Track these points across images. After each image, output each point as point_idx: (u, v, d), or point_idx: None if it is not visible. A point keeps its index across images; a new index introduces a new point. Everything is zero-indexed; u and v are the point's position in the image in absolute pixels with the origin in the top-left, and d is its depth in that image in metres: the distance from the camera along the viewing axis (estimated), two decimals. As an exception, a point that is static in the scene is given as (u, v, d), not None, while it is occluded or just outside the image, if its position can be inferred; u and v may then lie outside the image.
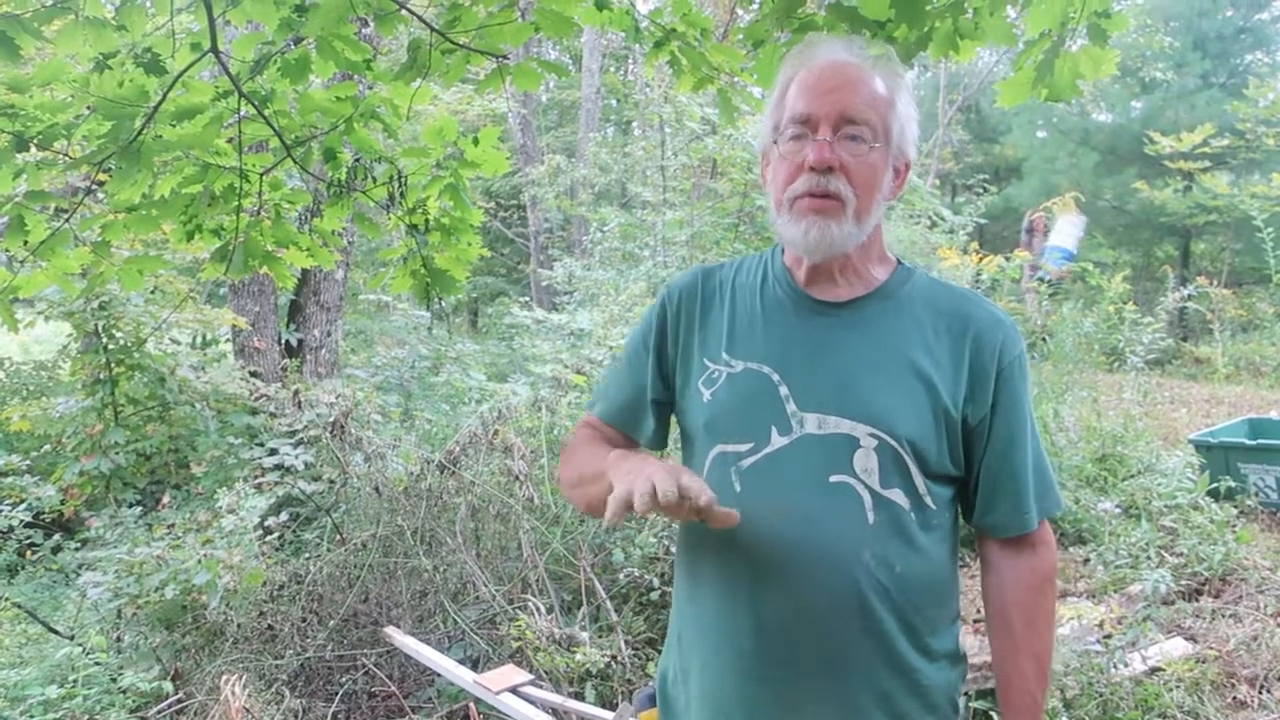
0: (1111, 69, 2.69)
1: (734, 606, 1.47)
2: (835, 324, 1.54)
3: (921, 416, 1.47)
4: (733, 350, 1.57)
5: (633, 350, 1.72)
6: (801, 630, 1.44)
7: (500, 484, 4.66)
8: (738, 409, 1.53)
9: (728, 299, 1.63)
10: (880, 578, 1.43)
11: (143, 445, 5.92)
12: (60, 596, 5.12)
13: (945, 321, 1.53)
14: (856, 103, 1.47)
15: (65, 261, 3.05)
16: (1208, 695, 3.46)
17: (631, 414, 1.71)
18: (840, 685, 1.45)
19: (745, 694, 1.49)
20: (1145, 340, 7.18)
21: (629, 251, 10.99)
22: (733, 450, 1.51)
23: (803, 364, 1.51)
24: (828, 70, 1.50)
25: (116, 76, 2.58)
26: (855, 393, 1.47)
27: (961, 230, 11.78)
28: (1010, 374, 1.52)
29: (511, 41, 2.95)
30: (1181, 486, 5.25)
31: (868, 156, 1.48)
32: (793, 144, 1.50)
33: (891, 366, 1.49)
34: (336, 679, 3.96)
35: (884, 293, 1.56)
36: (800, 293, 1.57)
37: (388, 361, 8.06)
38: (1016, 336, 1.55)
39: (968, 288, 1.68)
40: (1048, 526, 1.59)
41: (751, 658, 1.48)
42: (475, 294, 19.24)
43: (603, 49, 17.24)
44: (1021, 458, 1.53)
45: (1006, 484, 1.53)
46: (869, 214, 1.51)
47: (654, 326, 1.68)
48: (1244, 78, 16.45)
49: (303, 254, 3.36)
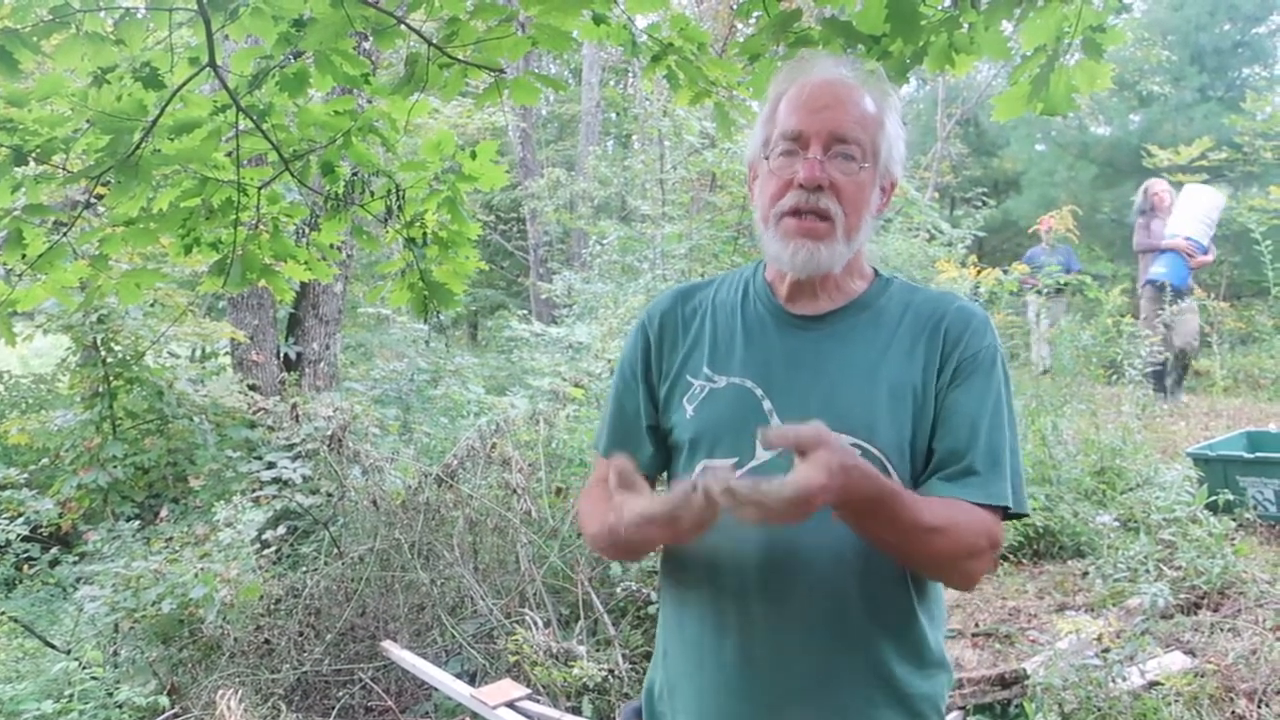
0: (1107, 83, 2.70)
1: (719, 621, 1.48)
2: (816, 337, 1.55)
3: (903, 424, 1.47)
4: (715, 365, 1.58)
5: (622, 382, 1.71)
6: (786, 644, 1.44)
7: (498, 497, 4.66)
8: (722, 424, 1.53)
9: (708, 316, 1.64)
10: (866, 589, 1.44)
11: (141, 459, 5.92)
12: (57, 610, 5.11)
13: (920, 320, 1.53)
14: (847, 121, 1.49)
15: (63, 275, 3.06)
16: (1206, 710, 3.45)
17: (627, 444, 1.67)
18: (826, 698, 1.46)
19: (729, 709, 1.50)
20: (1144, 353, 7.18)
21: (628, 264, 10.99)
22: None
23: (784, 377, 1.52)
24: (820, 87, 1.51)
25: (115, 90, 2.59)
26: (837, 404, 1.48)
27: (960, 243, 11.79)
28: (973, 365, 1.49)
29: (509, 56, 2.96)
30: (1180, 500, 5.24)
31: (857, 175, 1.49)
32: (783, 160, 1.51)
33: (871, 376, 1.50)
34: (333, 693, 3.95)
35: (862, 304, 1.57)
36: (780, 308, 1.59)
37: (386, 374, 8.06)
38: (989, 330, 1.54)
39: (945, 290, 1.67)
40: (998, 523, 1.46)
41: (735, 673, 1.48)
42: (475, 307, 19.24)
43: (602, 63, 17.29)
44: (972, 444, 1.46)
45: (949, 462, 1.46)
46: (858, 233, 1.52)
47: (639, 352, 1.68)
48: (1241, 91, 16.48)
49: (301, 267, 3.37)
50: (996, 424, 1.48)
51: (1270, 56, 17.57)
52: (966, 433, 1.46)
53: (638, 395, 1.68)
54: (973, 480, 1.44)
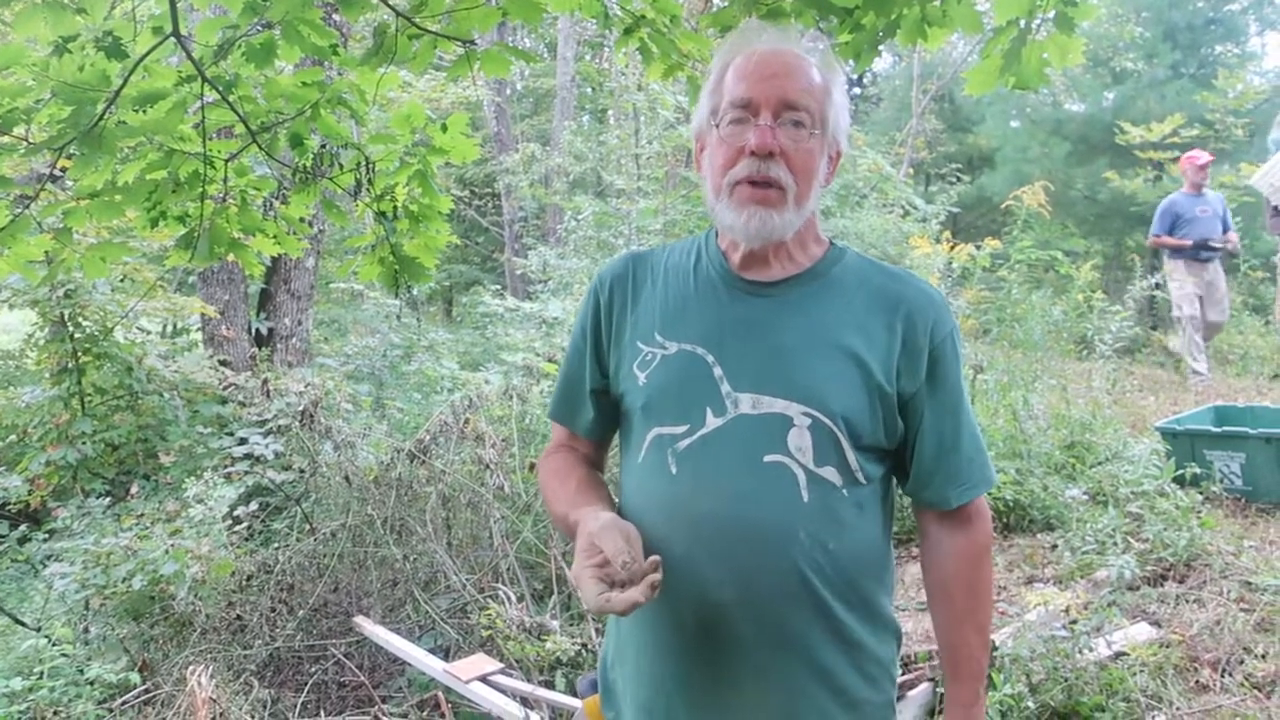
0: (1079, 58, 2.70)
1: (672, 588, 1.47)
2: (767, 304, 1.56)
3: (854, 393, 1.48)
4: (665, 332, 1.58)
5: (572, 346, 1.74)
6: (740, 610, 1.45)
7: (471, 473, 4.65)
8: (672, 391, 1.53)
9: (660, 281, 1.64)
10: (816, 556, 1.45)
11: (111, 435, 5.87)
12: (27, 588, 5.06)
13: (877, 299, 1.55)
14: (797, 89, 1.49)
15: (27, 248, 3.01)
16: (1171, 679, 3.50)
17: (570, 406, 1.74)
18: (781, 662, 1.47)
19: (683, 674, 1.51)
20: (1114, 329, 7.23)
21: (603, 240, 10.97)
22: (669, 432, 1.53)
23: (736, 344, 1.53)
24: (768, 55, 1.51)
25: (77, 60, 2.54)
26: (788, 372, 1.49)
27: (934, 219, 11.84)
28: (943, 351, 1.54)
29: (480, 26, 2.93)
30: (1148, 473, 5.30)
31: (807, 142, 1.50)
32: (733, 128, 1.51)
33: (823, 345, 1.51)
34: (306, 669, 3.94)
35: (815, 273, 1.58)
36: (732, 274, 1.59)
37: (359, 350, 8.02)
38: (948, 314, 1.58)
39: (900, 266, 1.69)
40: (983, 499, 1.62)
41: (691, 637, 1.49)
42: (450, 283, 19.16)
43: (577, 37, 17.18)
44: (954, 434, 1.56)
45: (941, 460, 1.56)
46: (807, 200, 1.53)
47: (588, 316, 1.69)
48: (1214, 68, 16.58)
49: (270, 241, 3.33)
50: (969, 419, 1.59)
51: (1242, 34, 17.68)
52: (951, 428, 1.56)
53: (584, 359, 1.69)
54: (968, 479, 1.57)
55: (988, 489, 1.61)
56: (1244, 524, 5.24)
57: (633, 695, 1.58)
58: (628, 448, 1.63)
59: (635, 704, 1.58)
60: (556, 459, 1.74)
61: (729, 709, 1.50)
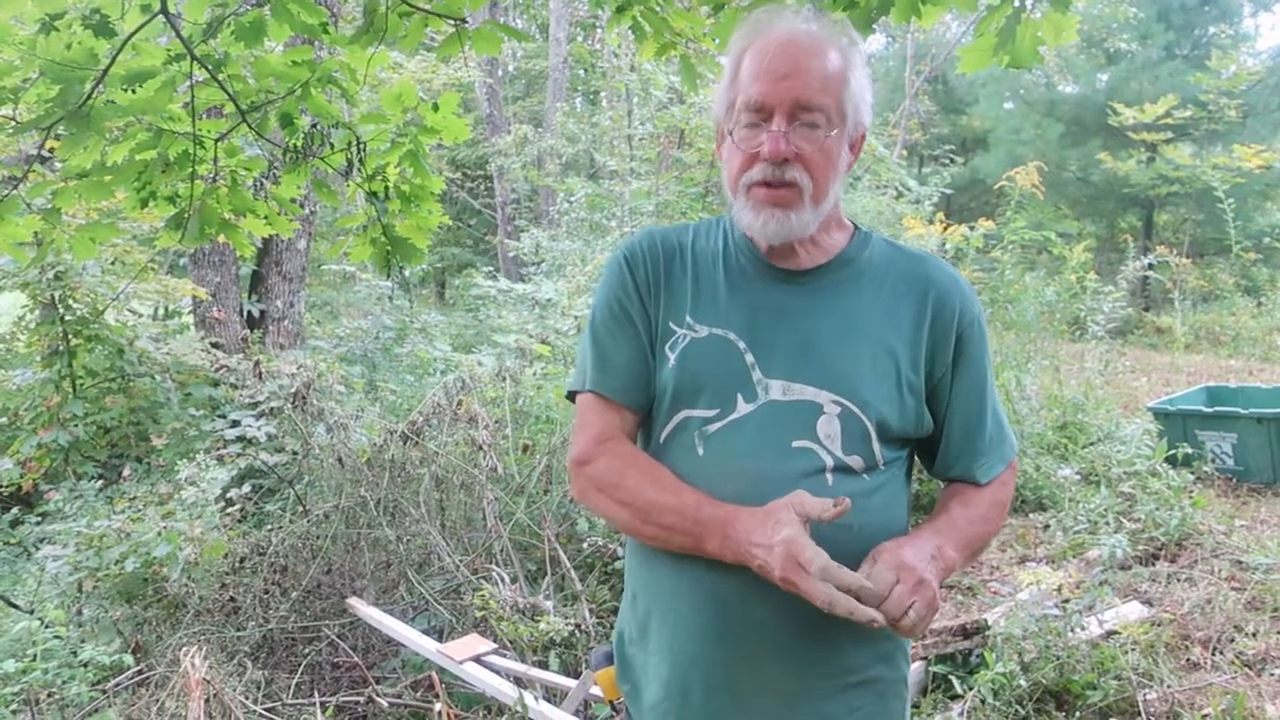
0: (1072, 36, 2.69)
1: (693, 567, 1.47)
2: (799, 291, 1.55)
3: (883, 382, 1.49)
4: (697, 315, 1.56)
5: (613, 320, 1.61)
6: (760, 590, 1.44)
7: (464, 454, 4.64)
8: (703, 374, 1.52)
9: (689, 263, 1.61)
10: (838, 538, 1.43)
11: (102, 417, 5.85)
12: (19, 571, 5.05)
13: (905, 284, 1.56)
14: (810, 89, 1.46)
15: (15, 229, 3.00)
16: (1162, 657, 3.52)
17: (630, 381, 1.59)
18: (798, 642, 1.47)
19: (704, 652, 1.50)
20: (1106, 310, 7.24)
21: (596, 222, 10.95)
22: (698, 415, 1.52)
23: (767, 331, 1.52)
24: (782, 49, 1.48)
25: (64, 38, 2.52)
26: (819, 360, 1.49)
27: (927, 200, 11.83)
28: (970, 334, 1.57)
29: (471, 4, 2.91)
30: (1140, 454, 5.32)
31: (823, 143, 1.48)
32: (747, 132, 1.49)
33: (854, 333, 1.51)
34: (299, 650, 3.94)
35: (844, 259, 1.58)
36: (763, 261, 1.58)
37: (351, 332, 8.00)
38: (974, 298, 1.60)
39: (923, 249, 1.69)
40: (1011, 467, 1.66)
41: (711, 616, 1.49)
42: (442, 265, 19.11)
43: (570, 18, 17.09)
44: (979, 416, 1.59)
45: (967, 443, 1.59)
46: (826, 198, 1.51)
47: (628, 288, 1.60)
48: (1207, 49, 16.56)
49: (260, 222, 3.31)
50: (991, 390, 1.62)
51: (1236, 15, 17.65)
52: (976, 409, 1.59)
53: (638, 331, 1.59)
54: (995, 452, 1.60)
55: (1009, 461, 1.64)
56: (1235, 503, 5.26)
57: (654, 670, 1.57)
58: (652, 428, 1.59)
59: (656, 679, 1.57)
60: (627, 448, 1.58)
61: (747, 688, 1.50)
